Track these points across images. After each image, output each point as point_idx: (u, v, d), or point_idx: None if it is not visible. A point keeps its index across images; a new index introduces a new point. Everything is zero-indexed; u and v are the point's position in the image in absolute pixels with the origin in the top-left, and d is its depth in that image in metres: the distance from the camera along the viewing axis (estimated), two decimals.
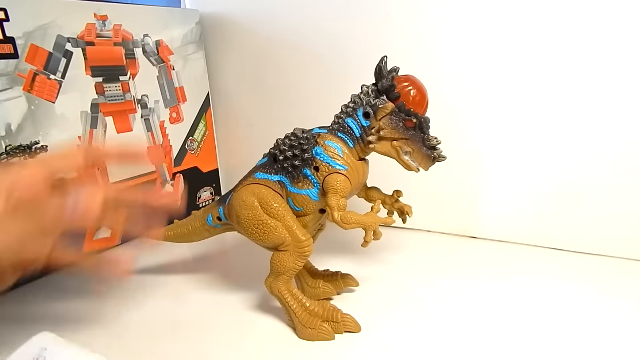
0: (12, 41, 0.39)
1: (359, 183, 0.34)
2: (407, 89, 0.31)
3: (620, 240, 0.44)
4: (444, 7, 0.45)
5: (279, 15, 0.54)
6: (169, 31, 0.54)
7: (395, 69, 0.31)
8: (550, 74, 0.42)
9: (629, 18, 0.39)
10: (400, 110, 0.30)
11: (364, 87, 0.32)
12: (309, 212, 0.34)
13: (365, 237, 0.31)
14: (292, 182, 0.33)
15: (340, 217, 0.31)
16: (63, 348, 0.25)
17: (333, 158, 0.32)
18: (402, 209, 0.36)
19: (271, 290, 0.34)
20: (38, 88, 0.41)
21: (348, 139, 0.32)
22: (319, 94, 0.53)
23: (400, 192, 0.36)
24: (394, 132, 0.31)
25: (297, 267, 0.33)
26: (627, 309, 0.36)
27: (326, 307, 0.34)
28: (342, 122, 0.33)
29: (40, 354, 0.25)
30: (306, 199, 0.33)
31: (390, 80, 0.31)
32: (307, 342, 0.33)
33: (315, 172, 0.32)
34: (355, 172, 0.32)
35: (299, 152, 0.32)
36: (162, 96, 0.54)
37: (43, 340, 0.26)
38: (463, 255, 0.47)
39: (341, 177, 0.31)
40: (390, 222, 0.32)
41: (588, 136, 0.42)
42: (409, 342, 0.33)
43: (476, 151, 0.47)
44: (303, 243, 0.32)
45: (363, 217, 0.31)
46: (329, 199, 0.31)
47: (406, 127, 0.31)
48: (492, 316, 0.35)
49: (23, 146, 0.41)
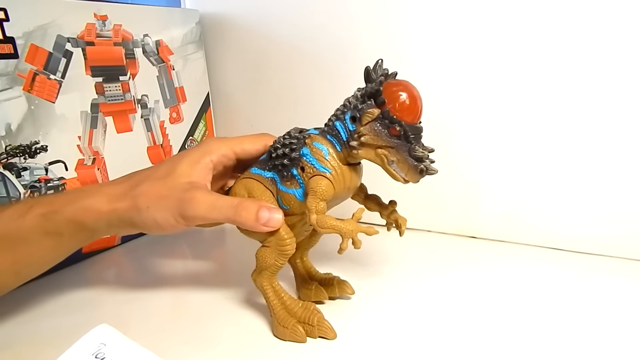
0: (12, 41, 0.39)
1: (346, 188, 0.33)
2: (396, 94, 0.29)
3: (620, 240, 0.44)
4: (447, 8, 0.45)
5: (279, 15, 0.54)
6: (169, 31, 0.54)
7: (387, 73, 0.30)
8: (550, 73, 0.42)
9: (620, 22, 0.39)
10: (384, 116, 0.29)
11: (356, 91, 0.31)
12: (296, 212, 0.33)
13: (341, 244, 0.30)
14: (281, 180, 0.33)
15: (317, 220, 0.30)
16: (122, 344, 0.25)
17: (318, 160, 0.31)
18: (397, 221, 0.35)
19: (255, 283, 0.34)
20: (38, 88, 0.41)
21: (336, 142, 0.32)
22: (319, 94, 0.53)
23: (395, 203, 0.36)
24: (377, 139, 0.29)
25: (279, 264, 0.33)
26: (627, 309, 0.36)
27: (308, 308, 0.34)
28: (332, 125, 0.32)
29: (99, 349, 0.24)
30: (292, 198, 0.33)
31: (378, 85, 0.29)
32: (281, 341, 0.33)
33: (302, 172, 0.32)
34: (341, 176, 0.32)
35: (288, 152, 0.32)
36: (162, 96, 0.54)
37: (102, 333, 0.25)
38: (463, 255, 0.47)
39: (324, 180, 0.31)
40: (372, 233, 0.30)
41: (588, 136, 0.42)
42: (409, 342, 0.33)
43: (476, 151, 0.47)
44: (285, 241, 0.32)
45: (340, 223, 0.30)
46: (307, 201, 0.31)
47: (391, 134, 0.29)
48: (492, 316, 0.35)
49: (23, 146, 0.41)
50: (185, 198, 0.31)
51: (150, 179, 0.33)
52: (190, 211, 0.31)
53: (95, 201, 0.33)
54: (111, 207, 0.32)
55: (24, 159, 0.41)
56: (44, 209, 0.32)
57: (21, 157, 0.41)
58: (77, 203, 0.33)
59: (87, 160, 0.46)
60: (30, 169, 0.41)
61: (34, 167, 0.42)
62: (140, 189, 0.33)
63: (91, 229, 0.33)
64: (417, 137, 0.29)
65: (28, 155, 0.41)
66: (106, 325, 0.25)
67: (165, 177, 0.33)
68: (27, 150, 0.41)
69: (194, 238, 0.53)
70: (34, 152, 0.42)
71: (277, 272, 0.34)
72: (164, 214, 0.31)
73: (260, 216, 0.31)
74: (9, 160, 0.40)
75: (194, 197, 0.31)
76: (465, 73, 0.46)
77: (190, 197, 0.31)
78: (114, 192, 0.33)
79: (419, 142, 0.29)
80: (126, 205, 0.32)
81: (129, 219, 0.32)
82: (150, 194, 0.32)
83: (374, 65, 0.30)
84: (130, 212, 0.32)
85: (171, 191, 0.32)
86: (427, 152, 0.29)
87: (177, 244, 0.52)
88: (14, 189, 0.41)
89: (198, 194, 0.31)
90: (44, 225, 0.32)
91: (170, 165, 0.34)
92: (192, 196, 0.31)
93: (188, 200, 0.31)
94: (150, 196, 0.32)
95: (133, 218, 0.32)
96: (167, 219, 0.32)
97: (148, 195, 0.32)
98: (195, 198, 0.31)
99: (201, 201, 0.31)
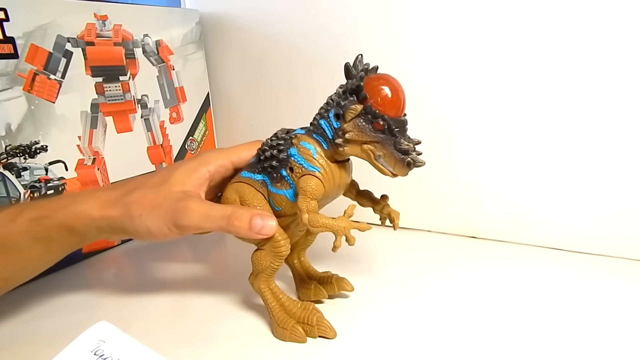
0: (12, 41, 0.39)
1: (336, 185, 0.32)
2: (377, 89, 0.29)
3: (620, 240, 0.44)
4: (446, 8, 0.45)
5: (279, 15, 0.54)
6: (169, 31, 0.54)
7: (368, 68, 0.30)
8: (551, 72, 0.42)
9: (620, 22, 0.39)
10: (367, 111, 0.29)
11: (338, 88, 0.31)
12: (288, 213, 0.33)
13: (335, 242, 0.30)
14: (272, 182, 0.33)
15: (309, 219, 0.30)
16: (121, 341, 0.24)
17: (306, 160, 0.31)
18: (390, 215, 0.35)
19: (253, 287, 0.34)
20: (38, 88, 0.41)
21: (322, 141, 0.31)
22: (319, 94, 0.52)
23: (387, 197, 0.35)
24: (362, 134, 0.29)
25: (275, 266, 0.33)
26: (627, 309, 0.36)
27: (307, 308, 0.34)
28: (317, 124, 0.32)
29: (98, 346, 0.23)
30: (284, 199, 0.33)
31: (359, 80, 0.29)
32: (281, 341, 0.33)
33: (291, 173, 0.32)
34: (330, 174, 0.31)
35: (276, 153, 0.32)
36: (162, 96, 0.54)
37: (101, 330, 0.24)
38: (463, 255, 0.47)
39: (313, 180, 0.31)
40: (365, 229, 0.30)
41: (588, 136, 0.42)
42: (409, 341, 0.33)
43: (476, 151, 0.47)
44: (279, 243, 0.32)
45: (332, 221, 0.30)
46: (298, 201, 0.31)
47: (375, 129, 0.29)
48: (493, 316, 0.35)
49: (23, 146, 0.41)
50: (179, 208, 0.31)
51: (143, 186, 0.33)
52: (183, 221, 0.31)
53: (86, 207, 0.32)
54: (103, 214, 0.32)
55: (24, 159, 0.41)
56: (34, 213, 0.32)
57: (21, 157, 0.41)
58: (68, 208, 0.32)
59: (87, 160, 0.46)
60: (30, 169, 0.41)
61: (34, 167, 0.42)
62: (133, 196, 0.32)
63: (81, 235, 0.33)
64: (401, 130, 0.29)
65: (28, 155, 0.41)
66: (105, 322, 0.25)
67: (159, 185, 0.33)
68: (27, 150, 0.41)
69: (194, 239, 0.53)
70: (34, 152, 0.42)
71: (273, 274, 0.33)
72: (157, 222, 0.31)
73: (253, 224, 0.31)
74: (9, 160, 0.40)
75: (187, 207, 0.31)
76: (465, 73, 0.46)
77: (183, 206, 0.31)
78: (106, 198, 0.33)
79: (404, 135, 0.29)
80: (118, 213, 0.32)
81: (121, 226, 0.32)
82: (143, 202, 0.32)
83: (354, 61, 0.30)
84: (122, 220, 0.32)
85: (164, 200, 0.32)
86: (412, 145, 0.29)
87: (177, 244, 0.52)
88: (14, 189, 0.41)
89: (191, 204, 0.31)
90: (34, 230, 0.32)
91: (164, 174, 0.34)
92: (185, 206, 0.31)
93: (181, 209, 0.31)
94: (143, 204, 0.32)
95: (125, 225, 0.32)
96: (160, 227, 0.31)
97: (141, 203, 0.32)
98: (188, 207, 0.31)
99: (194, 210, 0.31)
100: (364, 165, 0.33)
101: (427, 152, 0.30)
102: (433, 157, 0.30)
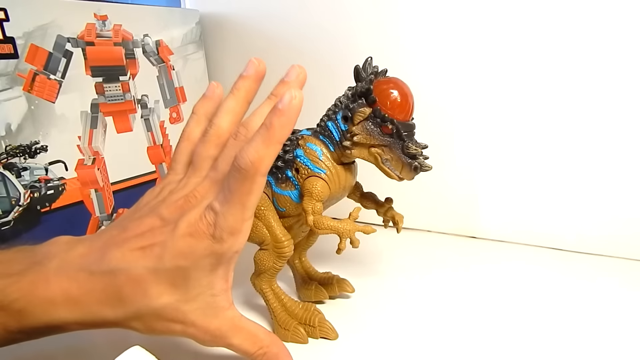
0: (12, 41, 0.39)
1: (341, 188, 0.33)
2: (387, 92, 0.29)
3: (620, 240, 0.44)
4: (447, 9, 0.45)
5: (279, 15, 0.54)
6: (169, 31, 0.54)
7: (377, 71, 0.30)
8: (551, 73, 0.43)
9: (620, 22, 0.39)
10: (376, 115, 0.29)
11: (347, 90, 0.31)
12: (292, 214, 0.33)
13: (339, 245, 0.30)
14: (276, 182, 0.33)
15: (314, 221, 0.30)
16: None
17: (312, 161, 0.31)
18: (394, 218, 0.35)
19: (254, 287, 0.34)
20: (38, 88, 0.41)
21: (329, 143, 0.32)
22: (319, 94, 0.53)
23: (391, 200, 0.36)
24: (370, 138, 0.29)
25: (277, 267, 0.33)
26: (627, 309, 0.36)
27: (308, 309, 0.34)
28: (324, 125, 0.32)
29: None
30: (288, 200, 0.32)
31: (369, 83, 0.29)
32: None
33: (296, 174, 0.32)
34: (336, 176, 0.32)
35: (282, 153, 0.32)
36: (162, 96, 0.54)
37: (135, 357, 0.23)
38: (463, 255, 0.47)
39: (319, 181, 0.31)
40: (370, 232, 0.30)
41: (588, 136, 0.43)
42: (410, 341, 0.33)
43: (476, 151, 0.47)
44: (282, 244, 0.32)
45: (337, 223, 0.30)
46: (304, 203, 0.31)
47: (383, 133, 0.29)
48: (493, 316, 0.36)
49: (23, 146, 0.41)
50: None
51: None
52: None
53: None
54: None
55: (24, 159, 0.41)
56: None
57: (21, 157, 0.41)
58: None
59: (87, 160, 0.46)
60: (30, 169, 0.41)
61: (34, 167, 0.42)
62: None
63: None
64: (409, 134, 0.29)
65: (28, 155, 0.41)
66: (139, 347, 0.24)
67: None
68: (27, 150, 0.41)
69: None
70: (34, 152, 0.42)
71: (276, 274, 0.33)
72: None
73: None
74: (9, 160, 0.40)
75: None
76: (465, 73, 0.46)
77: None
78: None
79: (412, 139, 0.29)
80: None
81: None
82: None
83: (363, 64, 0.30)
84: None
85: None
86: (420, 149, 0.29)
87: None
88: (14, 189, 0.40)
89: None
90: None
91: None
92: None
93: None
94: None
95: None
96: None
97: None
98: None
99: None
100: (363, 166, 0.33)
101: (427, 152, 0.30)
102: (433, 157, 0.30)
